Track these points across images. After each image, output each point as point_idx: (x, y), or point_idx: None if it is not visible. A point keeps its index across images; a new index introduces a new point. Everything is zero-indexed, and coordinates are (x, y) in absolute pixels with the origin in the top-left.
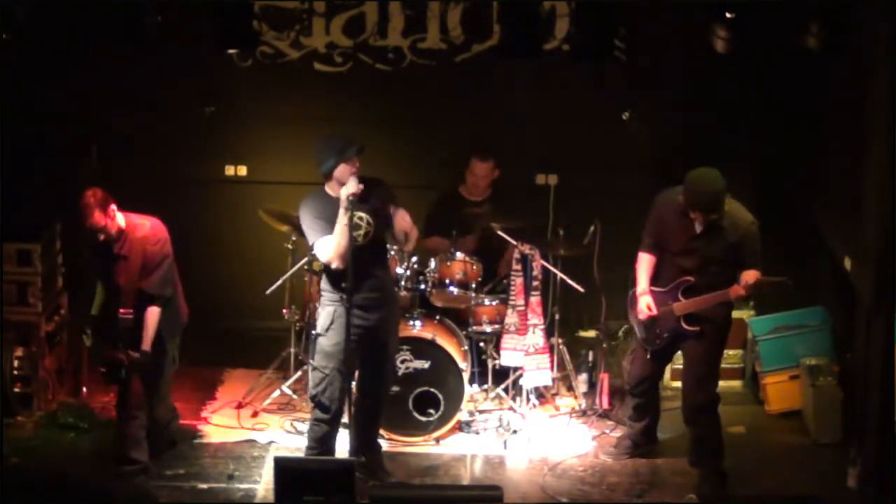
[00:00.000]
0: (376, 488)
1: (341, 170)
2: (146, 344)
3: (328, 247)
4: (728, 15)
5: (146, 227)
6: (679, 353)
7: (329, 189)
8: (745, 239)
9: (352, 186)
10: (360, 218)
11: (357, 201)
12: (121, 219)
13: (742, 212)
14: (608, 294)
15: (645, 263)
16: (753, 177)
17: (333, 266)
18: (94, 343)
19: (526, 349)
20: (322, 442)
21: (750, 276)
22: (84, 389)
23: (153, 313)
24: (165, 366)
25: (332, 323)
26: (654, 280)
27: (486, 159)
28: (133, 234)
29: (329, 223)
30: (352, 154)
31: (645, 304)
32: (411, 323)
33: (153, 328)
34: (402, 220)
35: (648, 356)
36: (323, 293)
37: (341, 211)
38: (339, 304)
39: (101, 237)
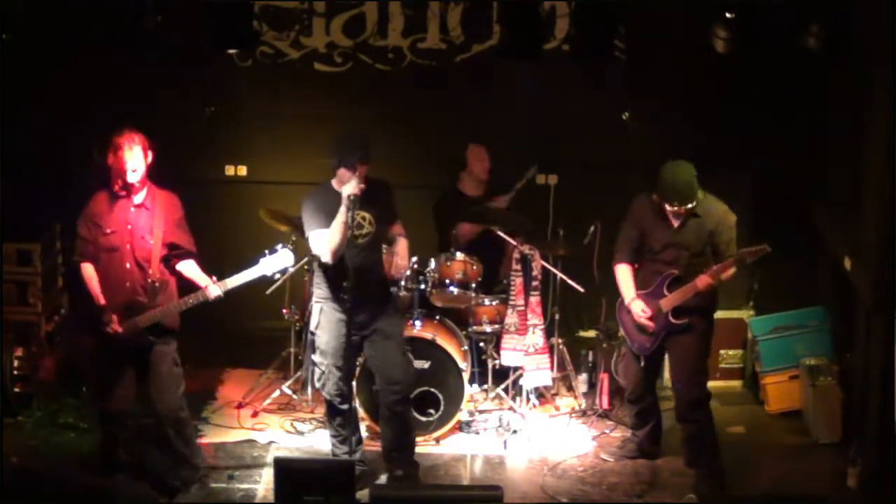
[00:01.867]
0: (376, 488)
1: (342, 171)
2: (207, 281)
3: (322, 241)
4: (728, 15)
5: (165, 191)
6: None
7: (335, 183)
8: (719, 226)
9: (352, 186)
10: (364, 218)
11: (360, 201)
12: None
13: (716, 202)
14: (608, 294)
15: (626, 273)
16: (753, 177)
17: (323, 260)
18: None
19: (526, 349)
20: (341, 430)
21: (717, 265)
22: (84, 389)
23: (193, 264)
24: (152, 359)
25: (319, 322)
26: (636, 283)
27: (482, 143)
28: (155, 188)
29: (328, 216)
30: (352, 161)
31: (639, 308)
32: (411, 323)
33: (199, 271)
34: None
35: (642, 362)
36: (314, 289)
37: (342, 209)
38: (326, 302)
39: (123, 183)
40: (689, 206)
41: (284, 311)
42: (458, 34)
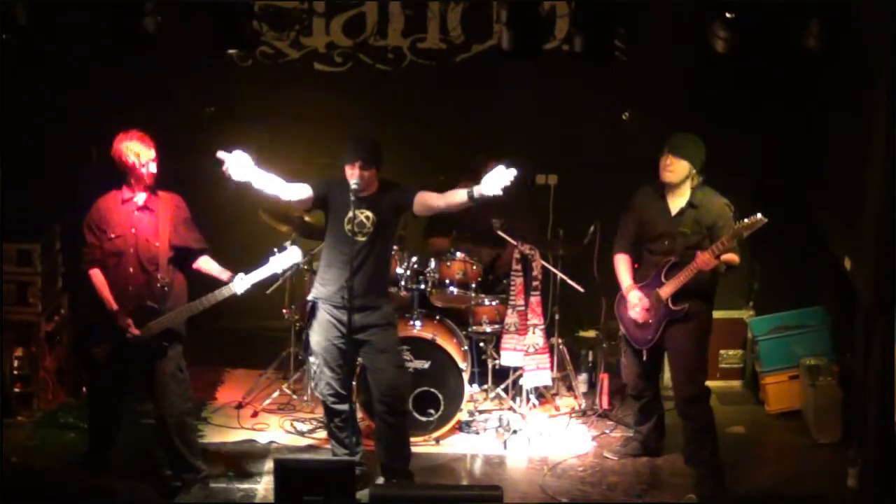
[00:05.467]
0: (376, 488)
1: (346, 168)
2: (224, 273)
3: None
4: (728, 15)
5: (168, 192)
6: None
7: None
8: (719, 219)
9: (354, 182)
10: (367, 217)
11: (367, 200)
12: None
13: (715, 195)
14: (608, 294)
15: (624, 262)
16: (753, 177)
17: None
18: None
19: (526, 349)
20: (339, 431)
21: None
22: (84, 389)
23: (208, 259)
24: (159, 364)
25: (310, 322)
26: (635, 278)
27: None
28: (160, 191)
29: (329, 195)
30: (350, 162)
31: (636, 297)
32: (411, 323)
33: (216, 265)
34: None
35: (645, 357)
36: (311, 287)
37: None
38: (319, 301)
39: (145, 185)
40: (675, 158)
41: (284, 311)
42: (458, 34)
